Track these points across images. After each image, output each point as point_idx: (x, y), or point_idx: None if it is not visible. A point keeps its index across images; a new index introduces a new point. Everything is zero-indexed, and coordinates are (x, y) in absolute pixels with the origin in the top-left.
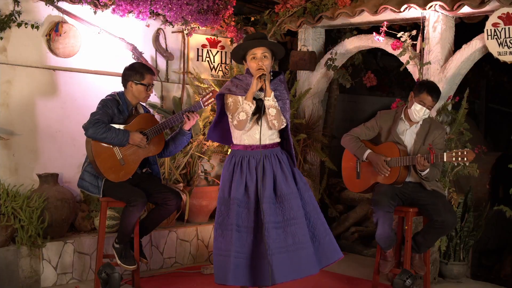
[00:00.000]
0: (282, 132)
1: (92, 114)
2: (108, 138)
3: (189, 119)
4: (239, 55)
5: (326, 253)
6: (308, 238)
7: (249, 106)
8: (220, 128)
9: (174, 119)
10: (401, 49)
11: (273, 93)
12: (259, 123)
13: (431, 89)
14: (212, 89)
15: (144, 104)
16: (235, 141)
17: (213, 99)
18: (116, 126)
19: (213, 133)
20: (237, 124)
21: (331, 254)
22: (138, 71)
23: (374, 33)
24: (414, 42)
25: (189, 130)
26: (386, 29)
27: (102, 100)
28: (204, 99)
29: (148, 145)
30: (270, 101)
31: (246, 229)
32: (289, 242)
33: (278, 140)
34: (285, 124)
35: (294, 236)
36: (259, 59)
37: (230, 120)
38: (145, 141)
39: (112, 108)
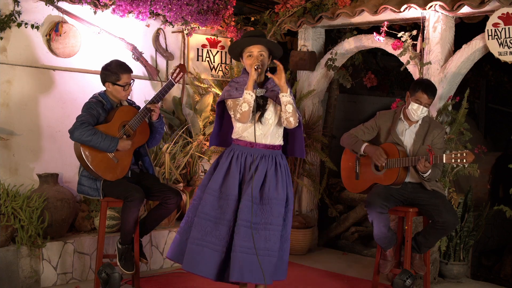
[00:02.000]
0: (286, 135)
1: (78, 117)
2: (93, 142)
3: (152, 111)
4: (235, 51)
5: (282, 270)
6: (277, 247)
7: (250, 96)
8: (222, 133)
9: (145, 109)
10: (401, 49)
11: (289, 89)
12: (261, 121)
13: (426, 87)
14: (178, 63)
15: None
16: (235, 136)
17: (181, 73)
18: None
19: (216, 139)
20: (240, 117)
21: (283, 272)
22: (113, 72)
23: (374, 33)
24: (415, 42)
25: (157, 120)
26: (386, 29)
27: (86, 103)
28: (173, 76)
29: (135, 135)
30: (287, 97)
31: (229, 223)
32: (260, 246)
33: (280, 142)
34: (297, 122)
35: (266, 242)
36: (255, 58)
37: (232, 116)
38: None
39: (97, 109)
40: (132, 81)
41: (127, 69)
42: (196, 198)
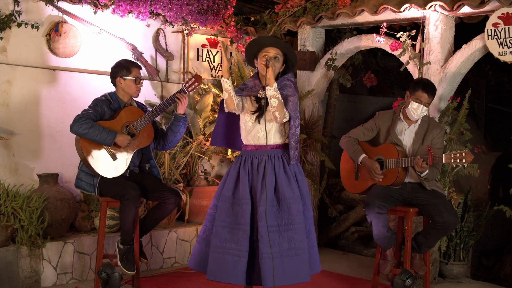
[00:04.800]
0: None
1: (82, 111)
2: (89, 134)
3: (180, 100)
4: (253, 50)
5: (312, 264)
6: (305, 244)
7: (225, 83)
8: (223, 132)
9: (157, 109)
10: (400, 50)
11: (275, 84)
12: (260, 122)
13: (426, 86)
14: (194, 73)
15: (136, 99)
16: (243, 142)
17: (196, 84)
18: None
19: (217, 138)
20: (225, 106)
21: (315, 265)
22: (124, 67)
23: (374, 33)
24: (414, 42)
25: (183, 114)
26: (386, 29)
27: (95, 99)
28: (187, 85)
29: (138, 137)
30: (272, 91)
31: (244, 227)
32: (285, 247)
33: (284, 141)
34: (287, 118)
35: (290, 242)
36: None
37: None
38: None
39: (102, 107)
40: (141, 77)
41: (137, 64)
42: (212, 207)
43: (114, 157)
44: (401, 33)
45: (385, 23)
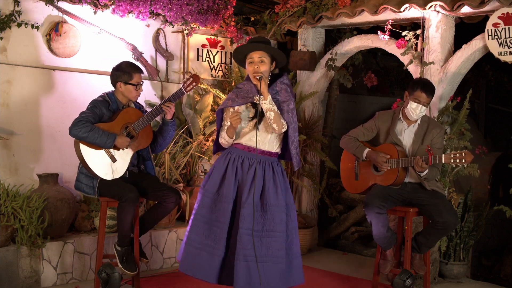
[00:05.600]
0: (286, 144)
1: (80, 113)
2: (89, 138)
3: (165, 110)
4: (239, 59)
5: (293, 274)
6: (282, 253)
7: (223, 139)
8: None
9: (156, 110)
10: (405, 48)
11: (270, 96)
12: (259, 128)
13: (425, 86)
14: (192, 73)
15: (135, 101)
16: (235, 140)
17: (194, 83)
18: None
19: (218, 146)
20: (221, 141)
21: (297, 276)
22: (125, 71)
23: (378, 31)
24: (417, 41)
25: (171, 119)
26: (391, 27)
27: (93, 101)
28: (185, 85)
29: (137, 138)
30: (267, 104)
31: (224, 225)
32: (262, 253)
33: (277, 150)
34: (285, 128)
35: (268, 249)
36: (256, 64)
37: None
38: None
39: (101, 108)
40: (141, 82)
41: (138, 69)
42: (197, 201)
43: (113, 159)
44: (407, 31)
45: (390, 21)
